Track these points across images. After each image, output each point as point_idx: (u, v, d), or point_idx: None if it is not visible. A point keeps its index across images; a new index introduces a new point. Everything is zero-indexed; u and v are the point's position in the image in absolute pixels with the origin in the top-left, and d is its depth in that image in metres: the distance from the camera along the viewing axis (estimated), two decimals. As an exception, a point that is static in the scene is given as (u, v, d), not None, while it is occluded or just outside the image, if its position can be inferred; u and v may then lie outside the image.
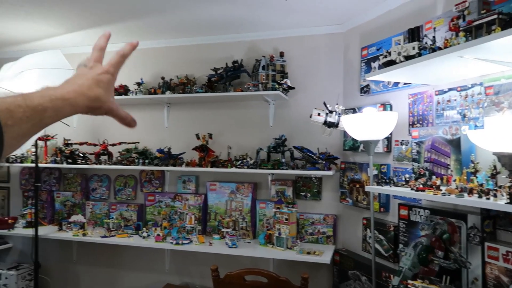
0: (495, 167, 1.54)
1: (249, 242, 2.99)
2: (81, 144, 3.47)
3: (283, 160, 2.89)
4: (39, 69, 2.58)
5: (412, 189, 1.85)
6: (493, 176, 1.52)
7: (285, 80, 2.93)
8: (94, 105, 0.64)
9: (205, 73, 3.18)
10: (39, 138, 3.25)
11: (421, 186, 1.82)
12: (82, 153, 3.46)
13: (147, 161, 3.22)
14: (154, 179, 3.48)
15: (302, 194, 3.07)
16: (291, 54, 3.10)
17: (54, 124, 0.60)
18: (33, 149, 3.27)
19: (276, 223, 2.84)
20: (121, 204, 3.49)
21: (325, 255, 2.65)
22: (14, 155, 3.50)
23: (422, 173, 1.91)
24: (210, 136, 3.16)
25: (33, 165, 3.25)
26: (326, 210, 3.03)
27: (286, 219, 2.78)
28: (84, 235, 3.21)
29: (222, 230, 3.07)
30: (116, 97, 3.21)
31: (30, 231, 3.18)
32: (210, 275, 2.26)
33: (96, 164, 3.35)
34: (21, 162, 3.55)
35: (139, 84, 3.30)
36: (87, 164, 3.39)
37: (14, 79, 2.45)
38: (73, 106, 0.61)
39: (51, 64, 2.64)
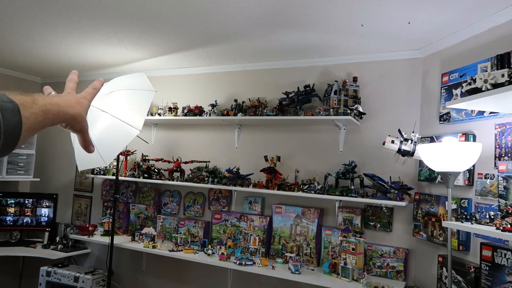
0: None
1: (313, 270, 2.91)
2: (157, 160, 3.70)
3: (352, 187, 2.80)
4: (126, 90, 2.83)
5: (497, 228, 1.69)
6: None
7: (356, 105, 2.87)
8: (76, 119, 0.75)
9: (277, 97, 3.24)
10: (121, 153, 3.52)
11: (509, 226, 1.65)
12: (157, 169, 3.68)
13: (216, 180, 3.32)
14: (221, 198, 3.56)
15: (371, 223, 2.94)
16: (365, 80, 3.04)
17: (135, 140, 0.69)
18: (115, 163, 3.54)
19: (342, 252, 2.74)
20: (189, 220, 3.61)
21: (394, 292, 2.49)
22: (98, 168, 3.81)
23: (510, 211, 1.73)
24: (279, 158, 3.17)
25: (114, 177, 3.52)
26: (397, 243, 2.85)
27: (353, 249, 2.67)
28: (153, 247, 3.36)
29: (286, 254, 3.03)
30: (191, 117, 3.42)
31: (106, 239, 3.41)
32: (272, 300, 2.22)
33: (169, 180, 3.53)
34: (104, 174, 3.86)
35: (213, 105, 3.45)
36: (161, 179, 3.59)
37: (103, 99, 2.71)
38: (64, 114, 0.71)
39: (136, 86, 2.89)
